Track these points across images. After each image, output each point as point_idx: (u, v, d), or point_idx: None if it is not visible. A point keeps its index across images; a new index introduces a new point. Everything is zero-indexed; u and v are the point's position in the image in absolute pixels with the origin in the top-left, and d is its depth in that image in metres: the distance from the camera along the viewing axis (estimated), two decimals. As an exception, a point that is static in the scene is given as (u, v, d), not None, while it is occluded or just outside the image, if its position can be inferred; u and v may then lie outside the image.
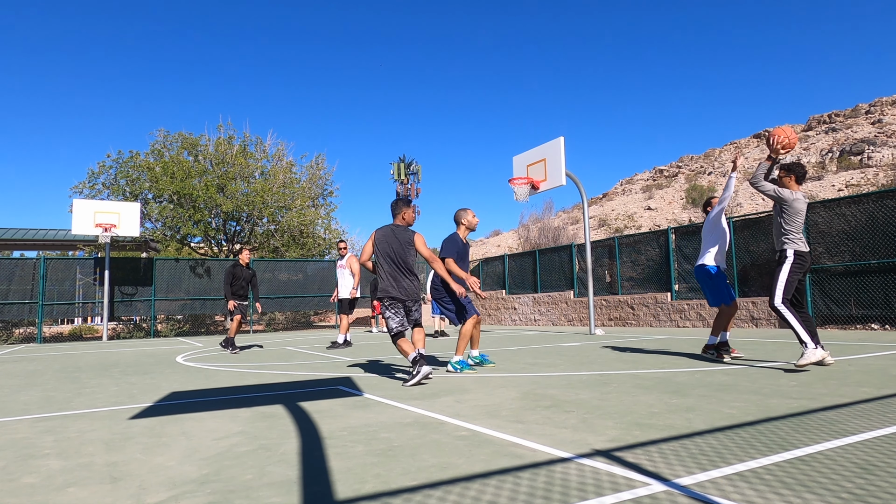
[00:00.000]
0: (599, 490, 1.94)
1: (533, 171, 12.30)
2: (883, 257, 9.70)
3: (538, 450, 2.51)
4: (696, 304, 12.95)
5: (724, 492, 1.89)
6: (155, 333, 17.15)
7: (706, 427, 2.84)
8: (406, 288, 5.13)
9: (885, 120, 39.69)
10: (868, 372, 4.63)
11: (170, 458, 2.60)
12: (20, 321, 16.58)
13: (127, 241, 20.30)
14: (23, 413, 3.99)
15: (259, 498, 2.00)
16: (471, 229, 6.07)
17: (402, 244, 5.15)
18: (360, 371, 5.99)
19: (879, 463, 2.15)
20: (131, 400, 4.44)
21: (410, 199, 7.27)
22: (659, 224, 37.44)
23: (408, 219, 5.37)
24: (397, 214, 5.34)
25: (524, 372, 5.43)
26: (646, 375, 4.86)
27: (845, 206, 10.40)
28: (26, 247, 23.89)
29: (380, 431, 3.00)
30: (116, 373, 6.62)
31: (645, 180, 53.00)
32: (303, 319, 22.21)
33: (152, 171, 19.61)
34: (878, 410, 3.10)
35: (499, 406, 3.63)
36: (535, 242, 30.63)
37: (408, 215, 5.36)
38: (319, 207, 23.85)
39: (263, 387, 4.98)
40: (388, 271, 5.14)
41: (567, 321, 16.65)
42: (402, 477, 2.18)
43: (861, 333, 9.14)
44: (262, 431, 3.10)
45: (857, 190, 29.23)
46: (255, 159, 22.25)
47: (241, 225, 21.89)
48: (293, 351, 9.36)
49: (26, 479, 2.33)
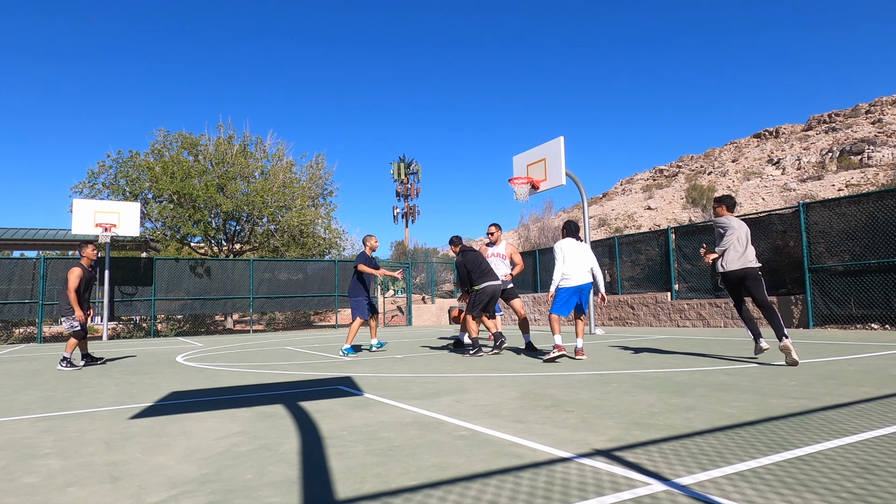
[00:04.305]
0: (600, 490, 1.94)
1: (533, 170, 12.30)
2: (883, 257, 9.70)
3: (538, 449, 2.51)
4: (695, 304, 12.95)
5: (724, 491, 1.89)
6: (155, 333, 17.15)
7: (706, 427, 2.83)
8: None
9: (885, 120, 39.68)
10: (868, 372, 4.63)
11: (170, 457, 2.60)
12: (20, 321, 16.57)
13: (127, 240, 20.29)
14: (23, 413, 3.99)
15: (259, 498, 2.00)
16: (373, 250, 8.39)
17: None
18: (360, 371, 5.99)
19: (879, 463, 2.15)
20: (131, 400, 4.44)
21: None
22: (659, 224, 37.45)
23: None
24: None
25: (524, 372, 5.43)
26: (646, 375, 4.86)
27: (845, 205, 10.39)
28: (26, 247, 23.88)
29: (380, 431, 3.00)
30: (116, 373, 6.62)
31: (645, 180, 53.00)
32: (303, 319, 22.22)
33: (152, 171, 19.60)
34: (878, 410, 3.10)
35: (499, 406, 3.63)
36: (535, 242, 30.63)
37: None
38: (319, 207, 23.86)
39: (263, 387, 4.98)
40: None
41: (567, 321, 16.65)
42: (402, 477, 2.18)
43: (861, 333, 9.14)
44: (263, 431, 3.10)
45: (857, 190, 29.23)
46: (255, 159, 22.26)
47: (241, 225, 21.89)
48: (293, 351, 9.36)
49: (26, 479, 2.33)
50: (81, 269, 7.46)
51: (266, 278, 18.67)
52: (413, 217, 46.11)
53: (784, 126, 49.54)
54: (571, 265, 6.49)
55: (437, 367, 6.06)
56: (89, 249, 7.63)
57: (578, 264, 6.49)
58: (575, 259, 6.50)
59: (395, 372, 5.80)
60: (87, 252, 7.61)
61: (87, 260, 7.63)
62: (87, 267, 7.58)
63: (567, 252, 6.53)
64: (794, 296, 11.10)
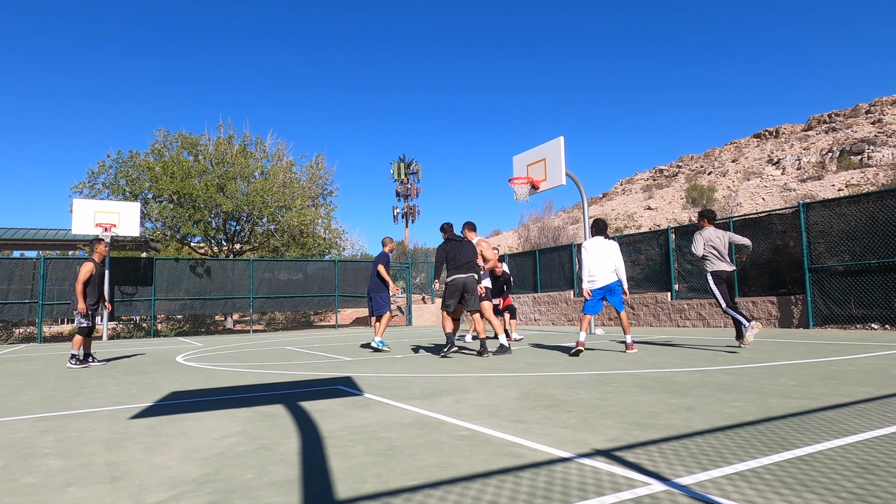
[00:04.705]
0: (600, 490, 1.94)
1: (533, 170, 12.30)
2: (883, 257, 9.70)
3: (538, 449, 2.51)
4: (695, 304, 12.95)
5: (724, 491, 1.89)
6: (155, 333, 17.15)
7: (706, 427, 2.83)
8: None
9: (885, 120, 39.69)
10: (868, 372, 4.63)
11: (170, 457, 2.60)
12: (20, 321, 16.57)
13: (127, 240, 20.30)
14: (23, 413, 3.99)
15: (259, 498, 2.00)
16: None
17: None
18: (360, 371, 5.99)
19: (879, 463, 2.15)
20: (131, 399, 4.44)
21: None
22: (659, 224, 37.46)
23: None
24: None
25: (524, 372, 5.43)
26: (646, 375, 4.86)
27: (845, 205, 10.39)
28: (26, 247, 23.88)
29: (380, 431, 3.00)
30: (116, 372, 6.62)
31: (645, 180, 53.00)
32: (303, 319, 22.22)
33: (152, 171, 19.60)
34: (878, 410, 3.10)
35: (499, 406, 3.63)
36: (535, 242, 30.63)
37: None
38: (319, 207, 23.87)
39: (263, 387, 4.98)
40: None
41: (567, 321, 16.65)
42: (402, 477, 2.18)
43: (861, 333, 9.14)
44: (263, 431, 3.10)
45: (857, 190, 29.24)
46: (255, 159, 22.26)
47: (241, 225, 21.90)
48: (293, 351, 9.36)
49: (26, 479, 2.33)
50: (94, 264, 7.65)
51: (266, 278, 18.67)
52: (413, 217, 46.12)
53: (784, 126, 49.55)
54: (596, 265, 6.79)
55: (437, 367, 6.06)
56: (101, 246, 7.86)
57: (603, 264, 6.74)
58: (599, 259, 6.75)
59: (395, 372, 5.79)
60: (99, 248, 7.83)
61: (99, 255, 7.84)
62: (98, 262, 7.78)
63: (592, 252, 6.81)
64: (794, 296, 11.10)
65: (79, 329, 7.56)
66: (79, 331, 7.56)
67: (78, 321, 7.53)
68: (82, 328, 7.55)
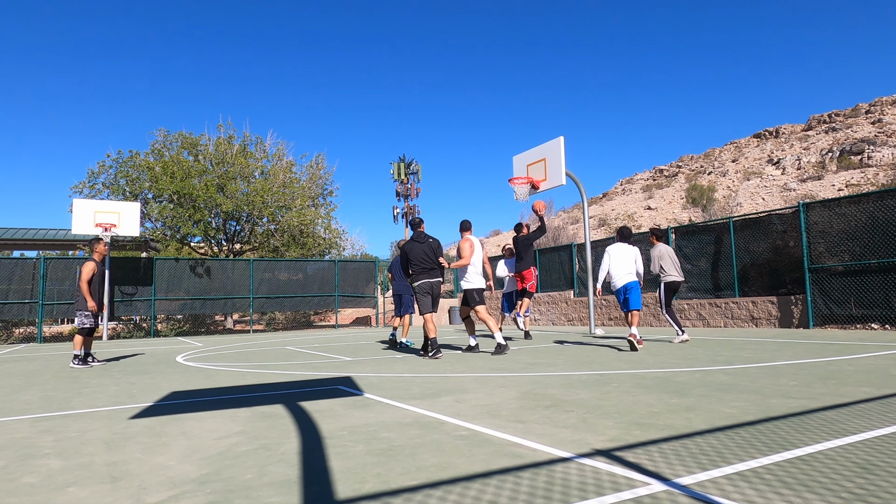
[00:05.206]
0: (600, 490, 1.94)
1: (533, 170, 12.30)
2: (883, 257, 9.70)
3: (538, 449, 2.51)
4: (695, 304, 12.95)
5: (724, 491, 1.89)
6: (155, 333, 17.15)
7: (706, 427, 2.83)
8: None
9: (885, 119, 39.69)
10: (868, 372, 4.63)
11: (170, 457, 2.60)
12: (20, 321, 16.58)
13: (127, 240, 20.29)
14: (23, 413, 3.99)
15: (259, 498, 2.00)
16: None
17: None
18: (360, 371, 5.99)
19: (879, 463, 2.15)
20: (131, 400, 4.44)
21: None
22: (659, 224, 37.46)
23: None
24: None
25: (524, 372, 5.43)
26: (646, 375, 4.86)
27: (845, 205, 10.39)
28: (26, 247, 23.88)
29: (380, 431, 3.00)
30: (116, 372, 6.62)
31: (645, 180, 53.00)
32: (303, 319, 22.22)
33: (152, 171, 19.60)
34: (878, 410, 3.10)
35: (499, 406, 3.63)
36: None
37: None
38: (319, 207, 23.87)
39: (263, 387, 4.98)
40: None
41: (567, 321, 16.65)
42: (402, 477, 2.18)
43: (861, 333, 9.14)
44: (262, 431, 3.10)
45: (857, 190, 29.24)
46: (255, 159, 22.26)
47: (241, 225, 21.90)
48: (293, 351, 9.36)
49: (26, 479, 2.33)
50: (95, 263, 7.68)
51: (266, 278, 18.67)
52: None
53: (784, 126, 49.53)
54: (616, 267, 7.60)
55: (437, 367, 6.06)
56: (101, 245, 7.89)
57: (622, 267, 7.57)
58: (619, 262, 7.59)
59: (395, 372, 5.80)
60: (99, 248, 7.87)
61: (99, 255, 7.86)
62: (98, 262, 7.80)
63: (613, 256, 7.64)
64: (794, 296, 11.10)
65: (79, 329, 7.58)
66: (79, 331, 7.58)
67: (80, 321, 7.54)
68: (83, 328, 7.56)
